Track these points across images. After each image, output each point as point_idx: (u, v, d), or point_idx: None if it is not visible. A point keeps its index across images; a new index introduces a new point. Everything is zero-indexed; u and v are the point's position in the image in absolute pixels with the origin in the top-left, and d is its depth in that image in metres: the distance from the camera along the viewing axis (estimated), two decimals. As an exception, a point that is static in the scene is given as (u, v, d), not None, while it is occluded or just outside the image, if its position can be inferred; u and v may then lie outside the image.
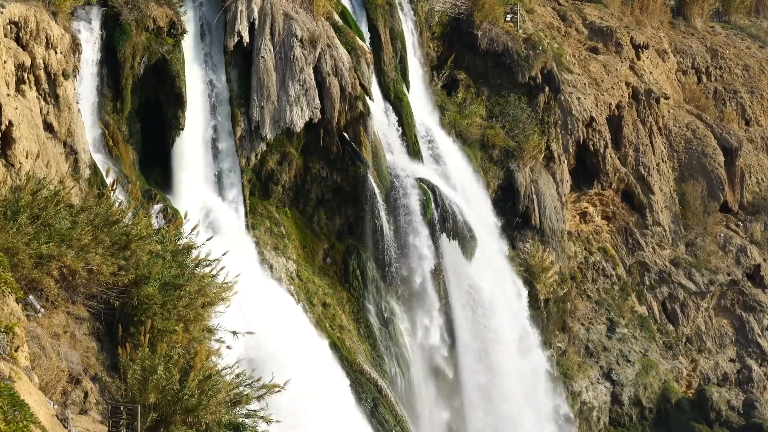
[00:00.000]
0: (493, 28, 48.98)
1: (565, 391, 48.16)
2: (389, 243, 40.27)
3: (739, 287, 56.71)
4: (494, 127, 47.93)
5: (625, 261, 54.61)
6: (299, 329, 35.93)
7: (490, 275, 44.18)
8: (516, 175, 47.26)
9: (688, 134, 59.01)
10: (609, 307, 52.56)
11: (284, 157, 39.10)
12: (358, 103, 39.59)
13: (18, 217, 17.97)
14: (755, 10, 74.11)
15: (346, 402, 36.05)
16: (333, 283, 40.09)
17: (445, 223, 41.77)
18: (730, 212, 59.41)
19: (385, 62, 43.30)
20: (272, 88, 37.73)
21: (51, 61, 29.93)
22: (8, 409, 12.89)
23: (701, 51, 65.23)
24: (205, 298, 19.77)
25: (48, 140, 29.43)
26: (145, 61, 34.91)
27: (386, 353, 39.96)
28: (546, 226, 48.51)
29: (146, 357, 17.10)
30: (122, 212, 20.11)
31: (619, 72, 56.14)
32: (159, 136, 35.80)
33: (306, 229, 40.26)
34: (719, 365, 54.90)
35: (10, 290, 15.97)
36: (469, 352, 43.09)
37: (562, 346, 49.75)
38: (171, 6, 35.78)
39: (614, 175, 53.83)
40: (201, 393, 17.09)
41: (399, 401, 39.02)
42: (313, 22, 39.01)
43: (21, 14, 28.83)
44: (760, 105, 65.49)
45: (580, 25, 58.93)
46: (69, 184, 22.42)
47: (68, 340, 18.22)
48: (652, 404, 51.34)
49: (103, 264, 18.58)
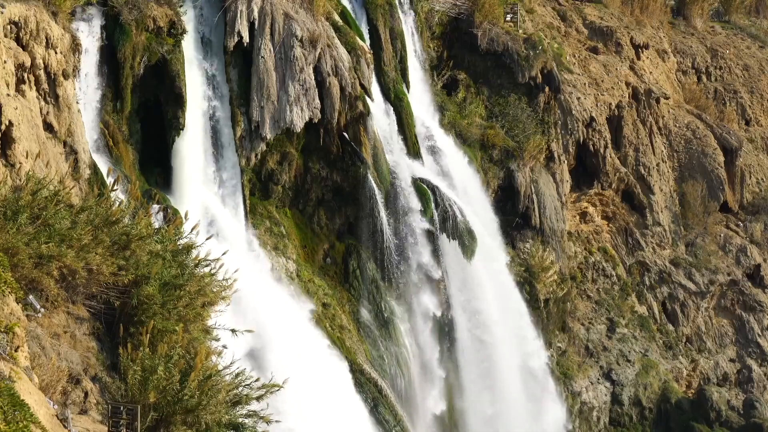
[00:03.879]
0: (493, 28, 48.98)
1: (565, 391, 48.14)
2: (389, 243, 40.26)
3: (739, 287, 56.69)
4: (494, 127, 47.90)
5: (625, 261, 54.60)
6: (299, 329, 35.94)
7: (490, 275, 44.18)
8: (516, 175, 47.26)
9: (688, 134, 59.00)
10: (609, 307, 52.55)
11: (284, 157, 39.09)
12: (358, 103, 39.58)
13: (18, 217, 17.97)
14: (755, 10, 74.09)
15: (352, 402, 36.11)
16: (333, 283, 40.07)
17: (445, 223, 41.76)
18: (730, 212, 59.40)
19: (385, 62, 43.29)
20: (272, 88, 37.72)
21: (51, 61, 29.92)
22: (8, 409, 12.89)
23: (701, 51, 65.22)
24: (205, 297, 19.79)
25: (48, 140, 29.42)
26: (145, 61, 34.91)
27: (386, 353, 39.95)
28: (546, 226, 48.50)
29: (146, 357, 17.11)
30: (122, 212, 20.12)
31: (619, 72, 56.12)
32: (159, 136, 35.79)
33: (306, 229, 40.25)
34: (719, 365, 54.89)
35: (10, 290, 15.97)
36: (469, 352, 43.11)
37: (562, 346, 49.73)
38: (171, 6, 35.77)
39: (614, 175, 53.81)
40: (201, 393, 17.10)
41: (399, 401, 39.02)
42: (313, 22, 39.00)
43: (21, 14, 28.82)
44: (760, 105, 65.47)
45: (580, 25, 58.91)
46: (69, 184, 22.43)
47: (68, 340, 18.22)
48: (652, 404, 51.32)
49: (103, 264, 18.59)
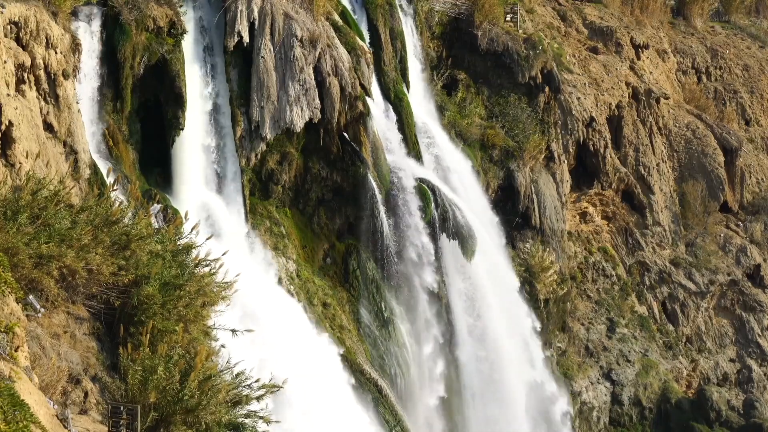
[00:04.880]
0: (493, 28, 48.96)
1: (565, 391, 48.14)
2: (389, 243, 40.25)
3: (739, 287, 56.69)
4: (494, 127, 47.90)
5: (625, 261, 54.60)
6: (299, 328, 35.94)
7: (490, 275, 44.17)
8: (516, 175, 47.25)
9: (688, 134, 59.00)
10: (609, 307, 52.54)
11: (284, 157, 39.09)
12: (358, 103, 39.57)
13: (18, 217, 17.97)
14: (755, 10, 74.07)
15: (350, 402, 36.10)
16: (333, 283, 40.07)
17: (445, 223, 41.75)
18: (730, 212, 59.40)
19: (385, 62, 43.28)
20: (272, 88, 37.72)
21: (51, 61, 29.92)
22: (8, 409, 12.89)
23: (701, 51, 65.22)
24: (205, 297, 19.78)
25: (48, 140, 29.43)
26: (145, 61, 34.91)
27: (386, 353, 39.95)
28: (546, 226, 48.50)
29: (146, 357, 17.11)
30: (122, 212, 20.11)
31: (619, 72, 56.12)
32: (159, 136, 35.78)
33: (306, 229, 40.24)
34: (719, 365, 54.88)
35: (10, 290, 15.97)
36: (469, 352, 43.10)
37: (562, 346, 49.73)
38: (171, 6, 35.77)
39: (614, 175, 53.81)
40: (201, 393, 17.10)
41: (399, 401, 39.02)
42: (313, 22, 39.00)
43: (21, 14, 28.82)
44: (760, 105, 65.46)
45: (580, 25, 58.91)
46: (69, 184, 22.42)
47: (68, 340, 18.22)
48: (652, 404, 51.31)
49: (103, 264, 18.58)
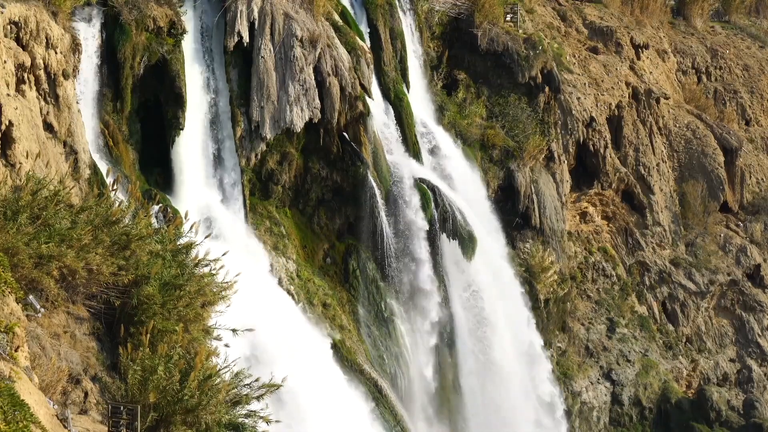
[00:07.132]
0: (493, 28, 48.95)
1: (565, 391, 48.14)
2: (389, 243, 40.24)
3: (739, 287, 56.69)
4: (494, 127, 47.90)
5: (625, 261, 54.59)
6: (298, 328, 35.94)
7: (490, 275, 44.17)
8: (516, 175, 47.25)
9: (688, 134, 59.00)
10: (609, 307, 52.54)
11: (284, 157, 39.09)
12: (358, 103, 39.57)
13: (18, 217, 17.96)
14: (755, 10, 74.07)
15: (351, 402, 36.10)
16: (333, 283, 40.06)
17: (445, 223, 41.75)
18: (730, 212, 59.39)
19: (385, 62, 43.28)
20: (272, 88, 37.72)
21: (51, 61, 29.92)
22: (8, 409, 12.88)
23: (701, 51, 65.21)
24: (205, 297, 19.78)
25: (48, 140, 29.42)
26: (145, 61, 34.91)
27: (386, 353, 39.95)
28: (546, 226, 48.50)
29: (146, 357, 17.10)
30: (122, 212, 20.11)
31: (619, 72, 56.11)
32: (159, 136, 35.79)
33: (306, 229, 40.24)
34: (719, 365, 54.88)
35: (10, 290, 15.97)
36: (469, 352, 43.10)
37: (562, 346, 49.73)
38: (171, 6, 35.77)
39: (614, 175, 53.81)
40: (201, 393, 17.09)
41: (399, 401, 39.02)
42: (313, 22, 38.99)
43: (21, 14, 28.82)
44: (760, 105, 65.46)
45: (580, 25, 58.90)
46: (69, 184, 22.43)
47: (68, 340, 18.22)
48: (652, 404, 51.31)
49: (103, 264, 18.58)
